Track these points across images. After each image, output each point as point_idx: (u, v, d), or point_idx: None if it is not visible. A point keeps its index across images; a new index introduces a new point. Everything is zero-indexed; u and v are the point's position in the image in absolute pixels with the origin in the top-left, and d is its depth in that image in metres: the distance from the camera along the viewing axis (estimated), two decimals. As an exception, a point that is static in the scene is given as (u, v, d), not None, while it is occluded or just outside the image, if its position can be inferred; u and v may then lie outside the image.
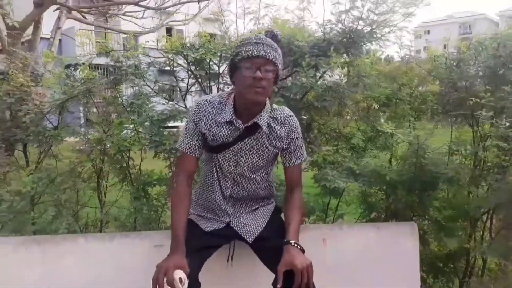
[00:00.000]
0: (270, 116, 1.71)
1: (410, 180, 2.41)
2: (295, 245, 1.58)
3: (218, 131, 1.70)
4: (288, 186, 1.82)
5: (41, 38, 8.04)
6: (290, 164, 1.78)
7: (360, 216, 2.83)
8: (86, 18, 9.99)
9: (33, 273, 2.05)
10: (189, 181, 1.75)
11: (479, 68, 2.46)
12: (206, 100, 1.72)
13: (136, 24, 10.11)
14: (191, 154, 1.73)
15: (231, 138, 1.71)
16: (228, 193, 1.82)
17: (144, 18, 10.30)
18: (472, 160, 2.61)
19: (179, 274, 1.49)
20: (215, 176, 1.80)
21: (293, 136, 1.74)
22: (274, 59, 1.58)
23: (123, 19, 10.76)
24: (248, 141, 1.71)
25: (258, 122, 1.67)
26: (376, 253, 2.18)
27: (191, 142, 1.72)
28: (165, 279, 1.47)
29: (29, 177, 2.64)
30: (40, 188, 2.67)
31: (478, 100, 2.22)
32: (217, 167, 1.79)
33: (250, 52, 1.56)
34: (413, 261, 2.20)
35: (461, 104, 2.46)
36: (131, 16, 10.15)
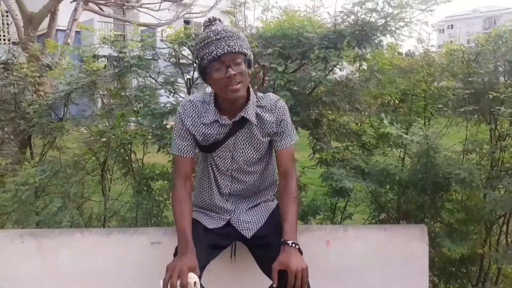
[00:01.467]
0: (257, 105, 1.66)
1: (422, 181, 2.29)
2: (293, 245, 1.52)
3: (207, 131, 1.66)
4: (281, 173, 1.74)
5: (58, 30, 8.07)
6: (281, 147, 1.71)
7: (370, 216, 2.73)
8: (103, 10, 10.00)
9: (29, 267, 2.04)
10: (187, 183, 1.70)
11: (498, 63, 2.31)
12: (189, 100, 1.68)
13: (153, 16, 10.08)
14: (184, 155, 1.68)
15: (222, 135, 1.66)
16: (227, 191, 1.78)
17: (161, 10, 10.25)
18: (488, 160, 2.48)
19: (193, 278, 1.45)
20: (211, 176, 1.76)
21: (282, 118, 1.68)
22: (240, 49, 1.50)
23: (139, 11, 10.74)
24: (240, 135, 1.67)
25: (245, 115, 1.62)
26: (383, 257, 2.09)
27: (183, 144, 1.68)
28: (178, 282, 1.42)
29: (33, 169, 2.62)
30: (45, 180, 2.66)
31: (498, 95, 2.08)
32: (213, 166, 1.75)
33: (214, 52, 1.48)
34: (422, 266, 2.11)
35: (478, 100, 2.32)
36: (148, 8, 10.12)
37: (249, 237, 1.74)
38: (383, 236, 2.12)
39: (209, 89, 1.70)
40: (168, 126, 2.48)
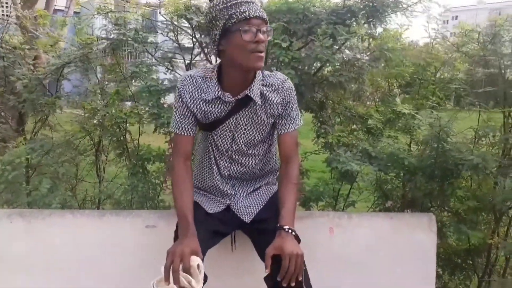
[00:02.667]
0: (263, 84, 1.55)
1: (431, 167, 2.19)
2: (289, 230, 1.43)
3: (208, 108, 1.55)
4: (282, 158, 1.64)
5: (56, 10, 7.88)
6: (284, 131, 1.60)
7: (374, 204, 2.62)
8: (102, -10, 9.79)
9: (17, 248, 1.94)
10: (187, 163, 1.60)
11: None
12: (189, 75, 1.56)
13: (154, -3, 9.86)
14: (185, 134, 1.58)
15: (223, 113, 1.55)
16: (226, 173, 1.68)
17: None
18: (500, 148, 2.37)
19: (196, 260, 1.36)
20: (212, 156, 1.66)
21: (289, 100, 1.58)
22: (266, 18, 1.43)
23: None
24: (242, 114, 1.56)
25: (250, 94, 1.51)
26: (388, 246, 1.99)
27: (183, 121, 1.57)
28: (180, 266, 1.32)
29: (22, 147, 2.51)
30: (35, 160, 2.55)
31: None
32: (213, 146, 1.65)
33: (247, 13, 1.38)
34: (429, 256, 2.01)
35: (493, 84, 2.20)
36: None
37: (248, 221, 1.65)
38: (388, 224, 2.02)
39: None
40: (165, 105, 2.36)
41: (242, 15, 1.37)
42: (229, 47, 1.43)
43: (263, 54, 1.42)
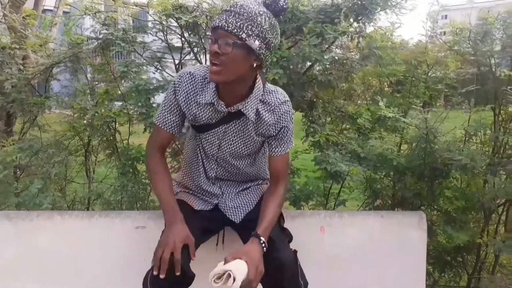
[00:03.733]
0: (261, 100, 1.48)
1: (420, 167, 2.18)
2: (263, 244, 1.38)
3: (199, 112, 1.50)
4: (271, 177, 1.61)
5: (45, 10, 7.79)
6: (275, 154, 1.56)
7: (364, 203, 2.63)
8: (93, -11, 9.69)
9: (4, 250, 1.91)
10: (162, 155, 1.59)
11: (507, 41, 2.18)
12: (189, 72, 1.49)
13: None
14: (167, 130, 1.54)
15: (213, 120, 1.51)
16: (213, 175, 1.66)
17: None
18: (491, 146, 2.38)
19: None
20: (199, 157, 1.64)
21: (284, 125, 1.52)
22: (236, 30, 1.29)
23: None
24: (232, 125, 1.52)
25: (243, 110, 1.45)
26: (379, 244, 2.00)
27: (169, 117, 1.53)
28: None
29: (11, 147, 2.48)
30: (24, 160, 2.52)
31: (510, 74, 1.96)
32: (200, 147, 1.62)
33: (215, 22, 1.33)
34: (419, 254, 2.03)
35: (483, 82, 2.21)
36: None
37: (238, 222, 1.64)
38: (379, 223, 2.03)
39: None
40: (154, 105, 2.34)
41: (212, 23, 1.34)
42: None
43: (216, 68, 1.32)
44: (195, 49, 2.43)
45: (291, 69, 2.24)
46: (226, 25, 1.29)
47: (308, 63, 2.33)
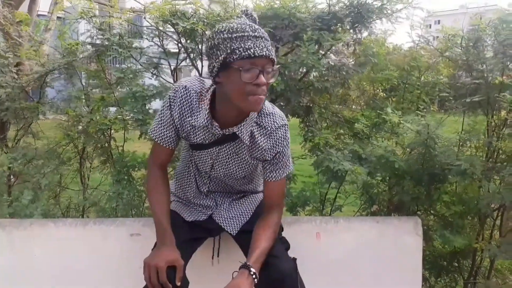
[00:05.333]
0: (256, 122, 1.43)
1: (418, 171, 2.19)
2: (253, 275, 1.32)
3: (192, 133, 1.46)
4: (266, 203, 1.54)
5: (39, 15, 7.75)
6: (271, 179, 1.49)
7: (360, 208, 2.63)
8: (87, -5, 9.66)
9: (-3, 259, 1.88)
10: (163, 170, 1.55)
11: (499, 48, 2.20)
12: (185, 87, 1.42)
13: (139, 2, 9.77)
14: (164, 145, 1.49)
15: (207, 141, 1.46)
16: (205, 189, 1.63)
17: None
18: (484, 151, 2.39)
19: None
20: (192, 173, 1.61)
21: (279, 150, 1.46)
22: (274, 58, 1.27)
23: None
24: (226, 147, 1.47)
25: (238, 134, 1.40)
26: (375, 250, 1.99)
27: (165, 133, 1.47)
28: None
29: (3, 156, 2.46)
30: (17, 169, 2.49)
31: (503, 80, 1.98)
32: (193, 163, 1.59)
33: (252, 50, 1.21)
34: (415, 259, 2.02)
35: (476, 88, 2.23)
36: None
37: (234, 234, 1.60)
38: (375, 228, 2.03)
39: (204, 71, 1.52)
40: (150, 111, 2.33)
41: (246, 53, 1.21)
42: (227, 83, 1.28)
43: (263, 97, 1.26)
44: (192, 55, 2.43)
45: (288, 76, 2.25)
46: (268, 53, 1.23)
47: (305, 70, 2.34)
